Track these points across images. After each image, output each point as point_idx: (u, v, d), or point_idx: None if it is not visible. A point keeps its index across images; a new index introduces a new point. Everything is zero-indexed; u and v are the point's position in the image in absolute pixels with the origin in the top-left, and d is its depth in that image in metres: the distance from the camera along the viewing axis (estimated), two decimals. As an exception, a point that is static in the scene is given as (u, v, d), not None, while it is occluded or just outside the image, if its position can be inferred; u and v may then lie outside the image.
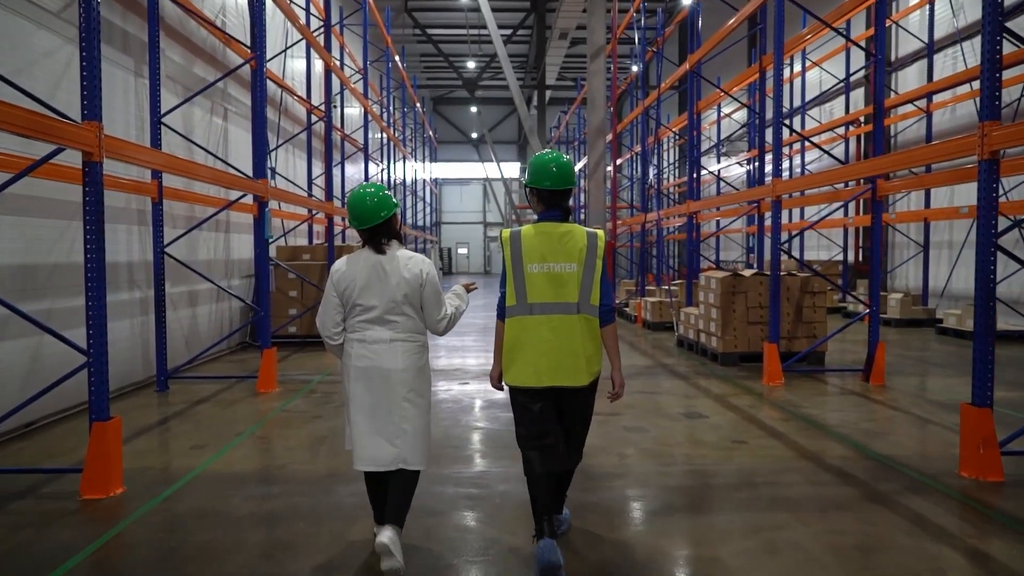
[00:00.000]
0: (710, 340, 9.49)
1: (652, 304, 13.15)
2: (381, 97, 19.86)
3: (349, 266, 3.36)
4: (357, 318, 3.35)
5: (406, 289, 3.32)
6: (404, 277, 3.32)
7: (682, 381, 8.09)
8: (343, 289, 3.34)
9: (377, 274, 3.32)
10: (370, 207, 3.34)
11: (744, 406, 6.76)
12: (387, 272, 3.32)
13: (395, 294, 3.31)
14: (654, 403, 6.91)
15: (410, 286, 3.33)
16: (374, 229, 3.35)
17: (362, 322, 3.34)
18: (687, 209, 11.24)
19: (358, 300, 3.32)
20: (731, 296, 9.07)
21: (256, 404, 6.97)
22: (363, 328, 3.34)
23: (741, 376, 8.37)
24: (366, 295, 3.31)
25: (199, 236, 9.60)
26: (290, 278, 11.08)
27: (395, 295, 3.31)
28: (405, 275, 3.32)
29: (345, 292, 3.34)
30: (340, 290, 3.35)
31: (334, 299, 3.38)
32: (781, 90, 7.68)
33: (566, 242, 3.31)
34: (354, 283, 3.32)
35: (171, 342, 8.57)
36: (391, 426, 3.31)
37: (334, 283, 3.36)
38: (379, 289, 3.31)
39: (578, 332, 3.29)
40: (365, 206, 3.34)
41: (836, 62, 17.75)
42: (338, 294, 3.36)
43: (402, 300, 3.32)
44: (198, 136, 9.45)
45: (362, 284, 3.31)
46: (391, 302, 3.32)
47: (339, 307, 3.38)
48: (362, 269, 3.33)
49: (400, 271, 3.33)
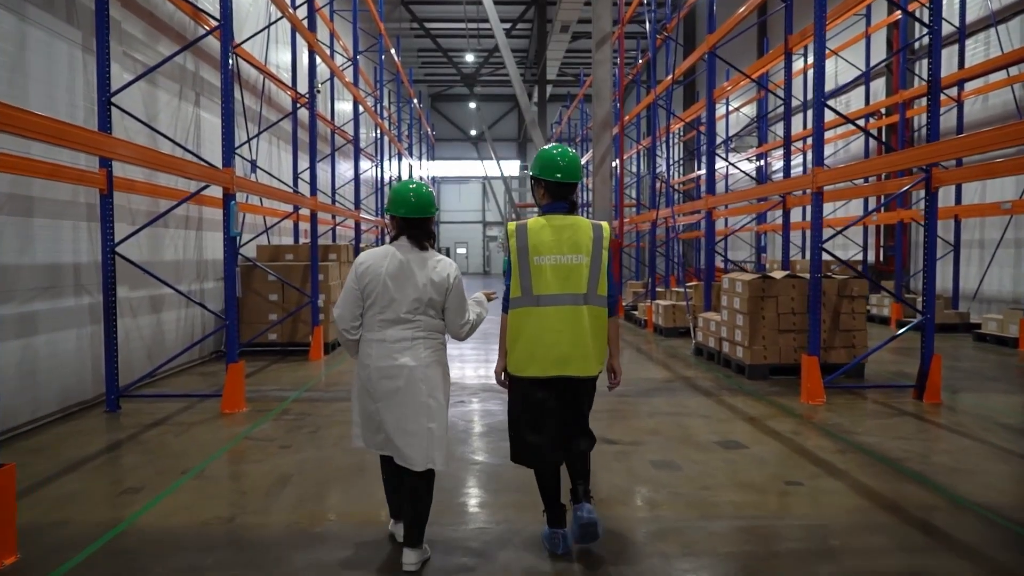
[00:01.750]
0: (735, 350, 8.51)
1: (664, 308, 12.16)
2: (374, 89, 18.85)
3: (375, 260, 3.30)
4: (378, 316, 3.28)
5: (432, 291, 3.28)
6: (432, 279, 3.28)
7: (708, 399, 7.11)
8: (366, 283, 3.27)
9: (405, 272, 3.27)
10: (426, 197, 3.35)
11: (787, 432, 5.77)
12: (415, 271, 3.27)
13: (421, 294, 3.27)
14: (681, 428, 5.92)
15: (436, 289, 3.29)
16: (421, 222, 3.34)
17: (383, 320, 3.28)
18: (704, 204, 10.26)
19: (382, 296, 3.26)
20: (759, 301, 8.09)
21: (217, 429, 5.98)
22: (383, 327, 3.28)
23: (773, 392, 7.39)
24: (391, 292, 3.26)
25: (165, 234, 8.62)
26: (270, 280, 10.09)
27: (421, 295, 3.27)
28: (433, 277, 3.29)
29: (368, 287, 3.27)
30: (363, 284, 3.28)
31: (355, 292, 3.30)
32: (823, 63, 6.69)
33: (573, 233, 3.31)
34: (378, 278, 3.26)
35: (130, 354, 7.60)
36: (418, 425, 3.24)
37: (357, 276, 3.29)
38: (405, 287, 3.26)
39: (586, 323, 3.29)
40: (422, 194, 3.35)
41: (856, 50, 16.76)
42: (360, 288, 3.29)
43: (427, 301, 3.28)
44: (163, 123, 8.46)
45: (387, 281, 3.25)
46: (416, 302, 3.27)
47: (359, 301, 3.31)
48: (389, 265, 3.27)
49: (428, 272, 3.29)
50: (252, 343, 10.04)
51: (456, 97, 41.86)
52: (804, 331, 8.10)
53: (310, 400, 7.12)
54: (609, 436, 5.63)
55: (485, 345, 11.21)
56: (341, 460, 5.05)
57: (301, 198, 9.83)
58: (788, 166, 9.79)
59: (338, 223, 15.31)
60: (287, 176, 12.97)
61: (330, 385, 7.95)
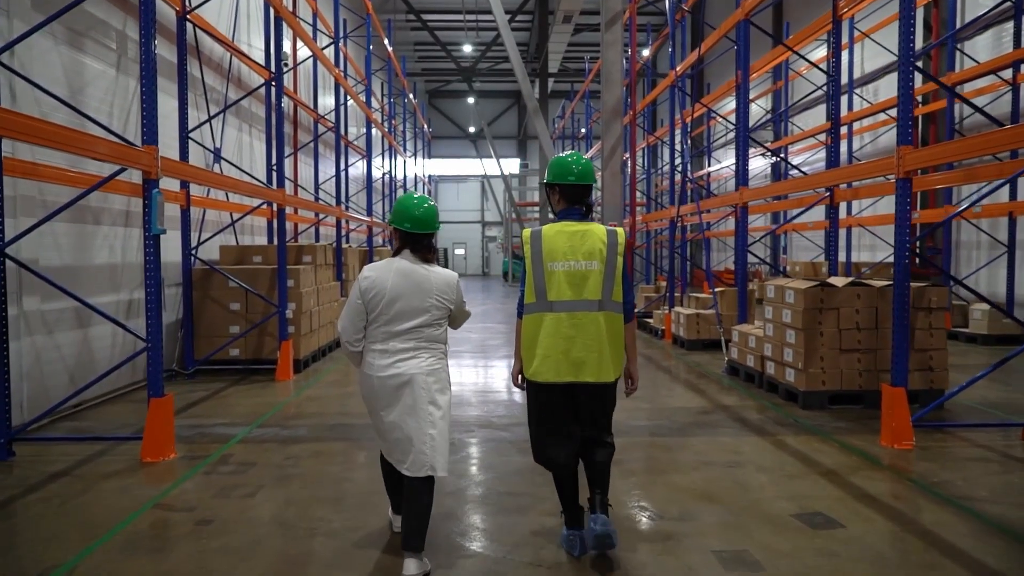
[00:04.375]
0: (783, 372, 7.05)
1: (687, 317, 10.69)
2: (363, 77, 17.38)
3: (379, 273, 3.34)
4: (383, 328, 3.33)
5: (436, 302, 3.34)
6: (435, 291, 3.34)
7: (762, 439, 5.64)
8: (371, 297, 3.32)
9: (409, 285, 3.32)
10: (431, 212, 3.39)
11: (885, 497, 4.30)
12: (418, 285, 3.32)
13: (426, 307, 3.33)
14: (742, 488, 4.46)
15: (441, 300, 3.36)
16: (424, 236, 3.39)
17: (387, 333, 3.32)
18: (739, 199, 8.79)
19: (386, 309, 3.30)
20: (817, 314, 6.62)
21: (124, 490, 4.51)
22: (387, 339, 3.32)
23: (840, 428, 5.92)
24: (396, 305, 3.30)
25: (96, 232, 7.16)
26: (231, 287, 8.62)
27: (426, 308, 3.32)
28: (436, 290, 3.34)
29: (372, 300, 3.32)
30: (367, 298, 3.32)
31: (359, 305, 3.34)
32: (912, 14, 5.22)
33: (587, 240, 3.33)
34: (383, 291, 3.30)
35: (43, 380, 6.17)
36: (419, 432, 3.27)
37: (361, 290, 3.33)
38: (411, 300, 3.31)
39: (602, 329, 3.30)
40: (427, 210, 3.38)
41: (889, 32, 15.28)
42: (364, 301, 3.33)
43: (433, 312, 3.34)
44: (93, 97, 7.01)
45: (393, 294, 3.29)
46: (421, 315, 3.32)
47: (363, 314, 3.35)
48: (394, 278, 3.32)
49: (432, 285, 3.34)
50: (210, 360, 8.58)
51: (454, 93, 40.33)
52: (872, 351, 6.64)
53: (261, 440, 5.65)
54: (648, 504, 4.17)
55: (486, 358, 9.76)
56: (278, 547, 3.59)
57: (265, 190, 8.36)
58: (838, 152, 8.32)
59: (320, 220, 13.85)
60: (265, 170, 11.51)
61: (292, 417, 6.48)
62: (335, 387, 7.97)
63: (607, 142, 12.38)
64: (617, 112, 12.42)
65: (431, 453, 3.25)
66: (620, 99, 12.57)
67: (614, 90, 12.48)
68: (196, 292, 8.63)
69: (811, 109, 18.99)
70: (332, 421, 6.32)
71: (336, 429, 6.03)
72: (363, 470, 4.86)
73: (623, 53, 12.89)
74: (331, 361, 9.89)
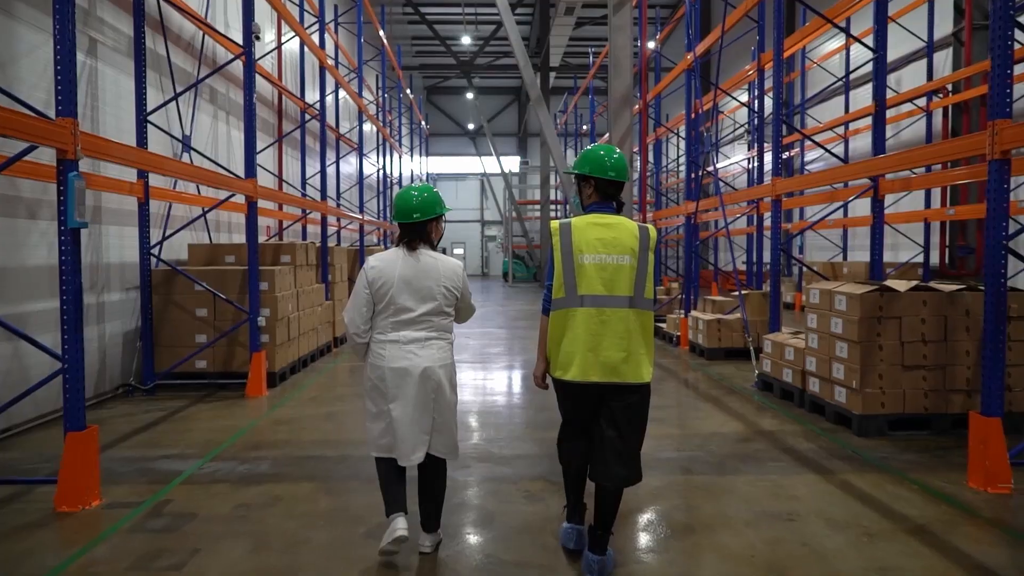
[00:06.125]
0: (831, 391, 6.04)
1: (707, 323, 9.67)
2: (355, 65, 16.36)
3: (385, 263, 3.35)
4: (391, 318, 3.33)
5: (443, 292, 3.36)
6: (443, 279, 3.36)
7: (821, 478, 4.62)
8: (377, 288, 3.32)
9: (416, 274, 3.32)
10: (412, 201, 3.38)
11: (1007, 570, 3.30)
12: (425, 273, 3.33)
13: (434, 295, 3.34)
14: (814, 555, 3.44)
15: (449, 289, 3.37)
16: (414, 226, 3.38)
17: (396, 322, 3.33)
18: (772, 190, 7.77)
19: (394, 300, 3.31)
20: (875, 324, 5.62)
21: (28, 552, 3.50)
22: (397, 328, 3.33)
23: (912, 463, 4.91)
24: (403, 295, 3.31)
25: (31, 229, 6.14)
26: (197, 290, 7.61)
27: (434, 295, 3.34)
28: (443, 278, 3.36)
29: (380, 291, 3.32)
30: (375, 288, 3.33)
31: (366, 295, 3.34)
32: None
33: (619, 234, 3.21)
34: (391, 281, 3.30)
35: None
36: (427, 421, 3.31)
37: (368, 280, 3.33)
38: (417, 289, 3.32)
39: (632, 327, 3.15)
40: (410, 199, 3.38)
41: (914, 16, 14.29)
42: (372, 292, 3.33)
43: (440, 301, 3.35)
44: (26, 71, 6.00)
45: (399, 284, 3.30)
46: (429, 302, 3.33)
47: (370, 304, 3.36)
48: (400, 268, 3.32)
49: (439, 274, 3.36)
50: (173, 373, 7.57)
51: (453, 90, 39.27)
52: (939, 367, 5.63)
53: (211, 480, 4.63)
54: (698, 582, 3.17)
55: (486, 369, 8.74)
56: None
57: (233, 180, 7.34)
58: (882, 137, 7.31)
59: (306, 217, 12.84)
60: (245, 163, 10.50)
61: (255, 447, 5.45)
62: (312, 405, 6.96)
63: (615, 133, 11.38)
64: (627, 101, 11.42)
65: (436, 440, 3.35)
66: (630, 87, 11.57)
67: (623, 77, 11.48)
68: (157, 296, 7.62)
69: (827, 101, 18.01)
70: (302, 452, 5.31)
71: (305, 464, 5.02)
72: (327, 528, 3.84)
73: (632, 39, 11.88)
74: (313, 373, 8.88)
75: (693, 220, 10.62)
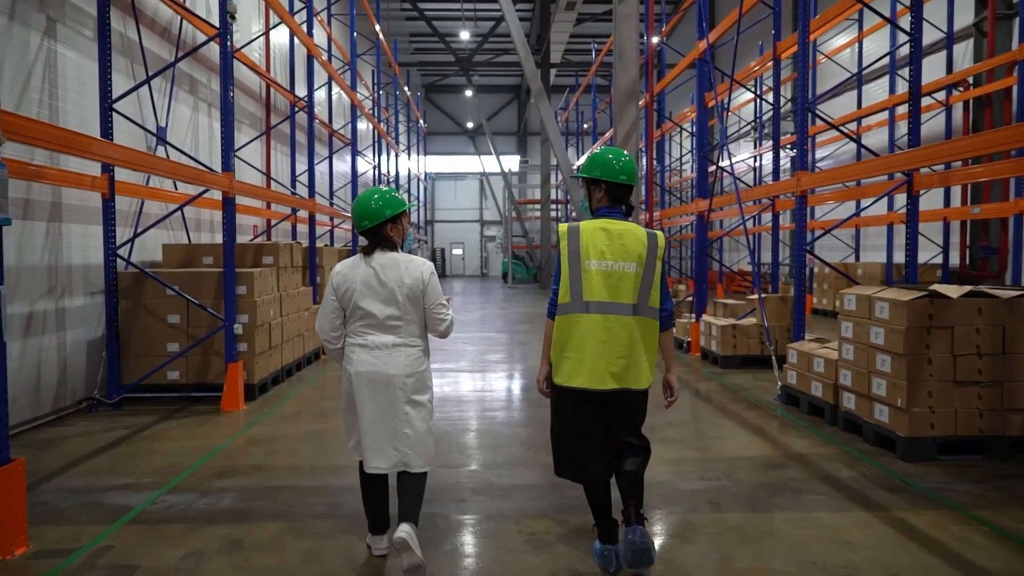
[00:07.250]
0: (870, 408, 5.39)
1: (721, 329, 9.02)
2: (348, 59, 15.71)
3: (349, 269, 3.34)
4: (359, 323, 3.32)
5: (407, 293, 3.30)
6: (405, 281, 3.30)
7: (873, 517, 3.97)
8: (342, 293, 3.32)
9: (377, 278, 3.29)
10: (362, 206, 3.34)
11: None
12: (387, 276, 3.30)
13: (396, 298, 3.29)
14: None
15: (412, 290, 3.31)
16: (369, 231, 3.34)
17: (364, 327, 3.32)
18: (796, 186, 7.12)
19: (359, 305, 3.29)
20: (923, 334, 4.97)
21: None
22: (365, 332, 3.31)
23: (974, 497, 4.26)
24: (366, 300, 3.29)
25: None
26: (169, 295, 6.96)
27: (396, 299, 3.29)
28: (406, 280, 3.30)
29: (344, 296, 3.32)
30: (340, 294, 3.32)
31: (333, 302, 3.35)
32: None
33: (626, 240, 3.18)
34: (353, 287, 3.30)
35: None
36: (394, 430, 3.27)
37: (333, 287, 3.34)
38: (379, 294, 3.29)
39: (636, 334, 3.15)
40: (357, 207, 3.37)
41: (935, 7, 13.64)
42: (337, 298, 3.33)
43: (404, 304, 3.30)
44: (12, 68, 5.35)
45: (362, 288, 3.29)
46: (392, 306, 3.29)
47: (338, 311, 3.36)
48: (362, 273, 3.31)
49: (401, 275, 3.30)
50: (142, 385, 6.92)
51: (451, 88, 38.60)
52: (996, 383, 4.99)
53: (163, 518, 3.98)
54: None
55: (485, 378, 8.09)
56: None
57: (206, 175, 6.68)
58: (918, 127, 6.67)
59: (294, 216, 12.20)
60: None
61: (221, 474, 4.80)
62: (292, 422, 6.31)
63: (620, 128, 10.73)
64: (632, 94, 10.77)
65: (404, 451, 3.27)
66: (635, 79, 10.92)
67: (629, 69, 10.84)
68: (125, 301, 6.97)
69: (837, 97, 17.39)
70: (273, 480, 4.66)
71: (274, 495, 4.37)
72: (293, 583, 3.20)
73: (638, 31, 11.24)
74: (298, 383, 8.23)
75: (706, 218, 9.97)
